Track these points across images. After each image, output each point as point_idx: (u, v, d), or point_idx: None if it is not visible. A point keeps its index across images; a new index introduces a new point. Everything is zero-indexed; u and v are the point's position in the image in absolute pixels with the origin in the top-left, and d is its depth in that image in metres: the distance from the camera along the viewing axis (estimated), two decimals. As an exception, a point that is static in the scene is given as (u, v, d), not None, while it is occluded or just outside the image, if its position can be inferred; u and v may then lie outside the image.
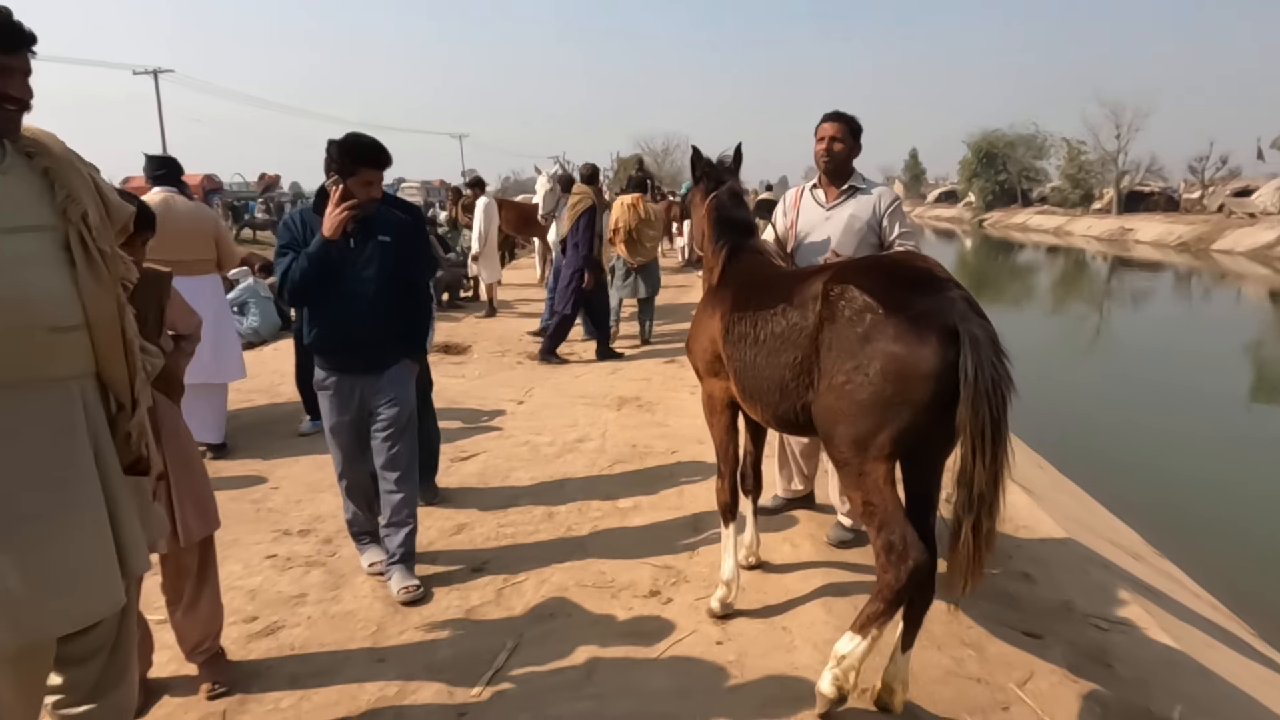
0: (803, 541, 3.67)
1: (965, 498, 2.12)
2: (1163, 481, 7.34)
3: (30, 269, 1.71)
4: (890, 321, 2.19)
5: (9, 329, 1.67)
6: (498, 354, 8.18)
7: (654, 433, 5.46)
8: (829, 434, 2.35)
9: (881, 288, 2.27)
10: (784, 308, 2.53)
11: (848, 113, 3.40)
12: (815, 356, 2.38)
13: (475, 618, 3.10)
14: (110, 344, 1.82)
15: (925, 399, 2.14)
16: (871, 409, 2.21)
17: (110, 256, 1.82)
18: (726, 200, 3.06)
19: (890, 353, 2.17)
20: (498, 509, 4.17)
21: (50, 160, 1.81)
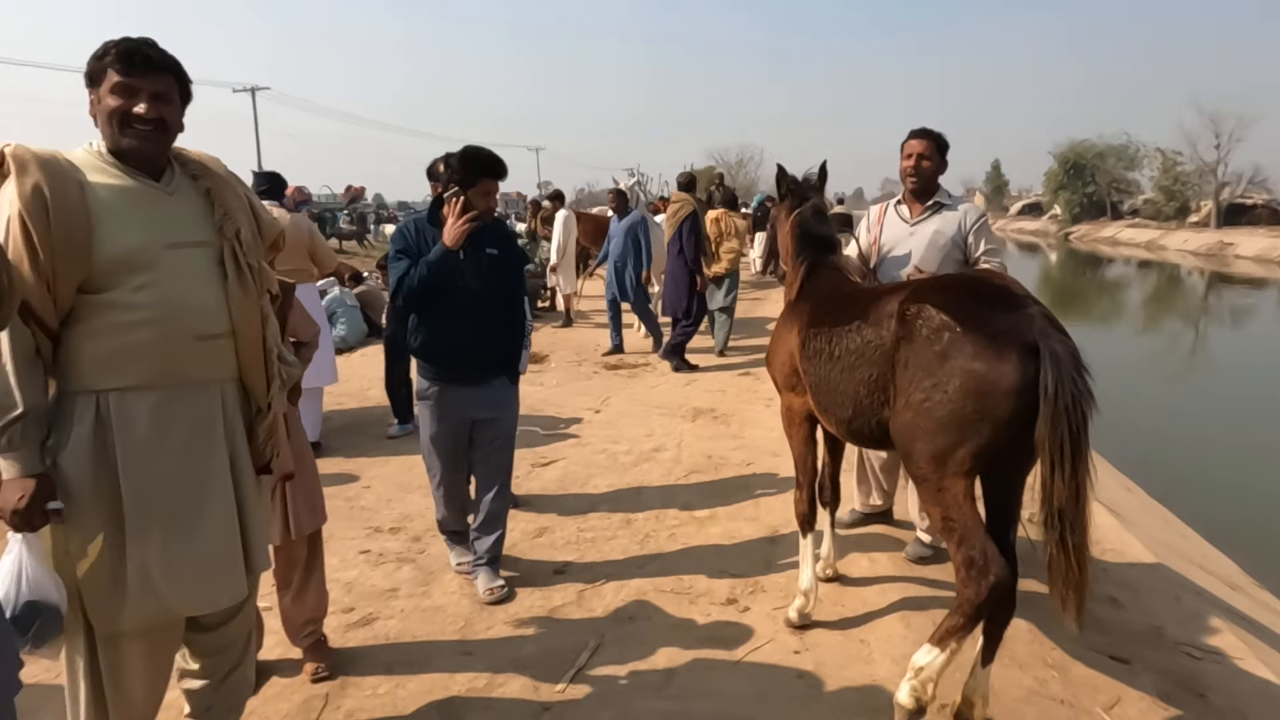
0: (881, 556, 3.67)
1: (1047, 514, 2.13)
2: (1264, 509, 6.99)
3: (187, 281, 1.88)
4: (969, 339, 2.21)
5: (163, 336, 1.84)
6: (574, 363, 8.35)
7: (729, 444, 5.51)
8: (908, 450, 2.38)
9: (958, 306, 2.30)
10: (859, 325, 2.57)
11: (935, 129, 3.41)
12: (891, 374, 2.41)
13: (557, 617, 3.21)
14: (252, 351, 1.98)
15: (1006, 415, 2.15)
16: (951, 426, 2.23)
17: (258, 270, 2.00)
18: (809, 217, 3.11)
19: (970, 370, 2.19)
20: (577, 514, 4.29)
21: (212, 181, 1.99)
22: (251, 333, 1.96)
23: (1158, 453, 8.36)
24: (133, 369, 1.83)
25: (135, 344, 1.82)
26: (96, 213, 1.79)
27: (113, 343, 1.82)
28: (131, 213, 1.84)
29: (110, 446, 1.83)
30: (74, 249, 1.75)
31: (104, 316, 1.82)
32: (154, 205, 1.89)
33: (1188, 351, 16.33)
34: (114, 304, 1.81)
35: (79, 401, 1.83)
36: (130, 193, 1.87)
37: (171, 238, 1.88)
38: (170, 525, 1.88)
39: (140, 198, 1.88)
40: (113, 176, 1.86)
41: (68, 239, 1.74)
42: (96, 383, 1.83)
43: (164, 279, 1.84)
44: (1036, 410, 2.10)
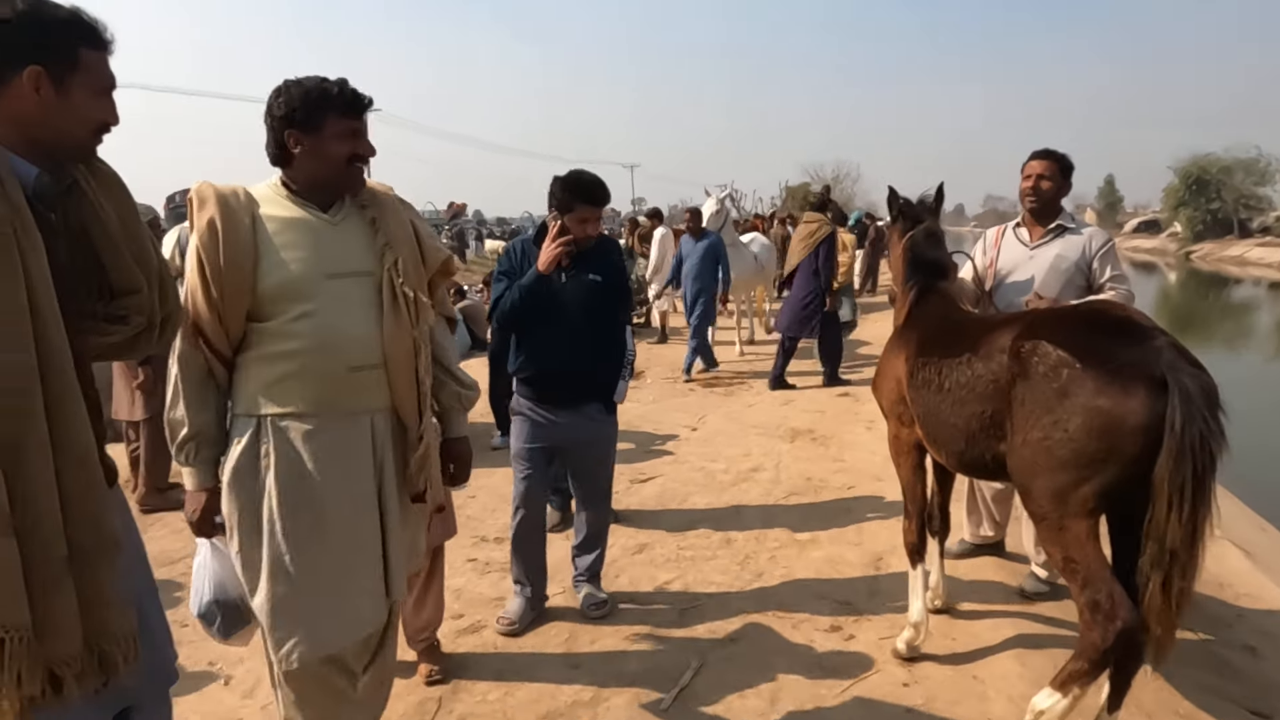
0: (993, 589, 3.54)
1: (1155, 553, 2.05)
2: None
3: (344, 311, 1.93)
4: (1090, 375, 2.14)
5: (318, 365, 1.91)
6: (670, 380, 8.40)
7: (830, 466, 5.42)
8: (1026, 487, 2.31)
9: (1077, 340, 2.22)
10: (970, 357, 2.51)
11: (1058, 150, 3.30)
12: (1007, 410, 2.34)
13: (660, 634, 3.23)
14: (404, 382, 2.00)
15: (1134, 453, 2.07)
16: (1073, 464, 2.16)
17: (414, 300, 2.00)
18: (922, 240, 3.05)
19: (1094, 407, 2.11)
20: (677, 531, 4.31)
21: (378, 210, 2.04)
22: (404, 364, 1.98)
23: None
24: (290, 396, 1.91)
25: (292, 372, 1.90)
26: (263, 244, 1.89)
27: (273, 370, 1.90)
28: (296, 244, 1.92)
29: (264, 471, 1.92)
30: (239, 279, 1.85)
31: (266, 344, 1.91)
32: (318, 236, 1.95)
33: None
34: (275, 333, 1.89)
35: (241, 424, 1.95)
36: (297, 224, 1.94)
37: (332, 268, 1.94)
38: (315, 552, 1.93)
39: (306, 229, 1.95)
40: (284, 209, 1.95)
41: (235, 269, 1.84)
42: (258, 407, 1.92)
43: (322, 309, 1.90)
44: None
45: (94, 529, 1.43)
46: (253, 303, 1.89)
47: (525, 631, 3.26)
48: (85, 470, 1.42)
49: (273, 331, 1.90)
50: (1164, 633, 2.10)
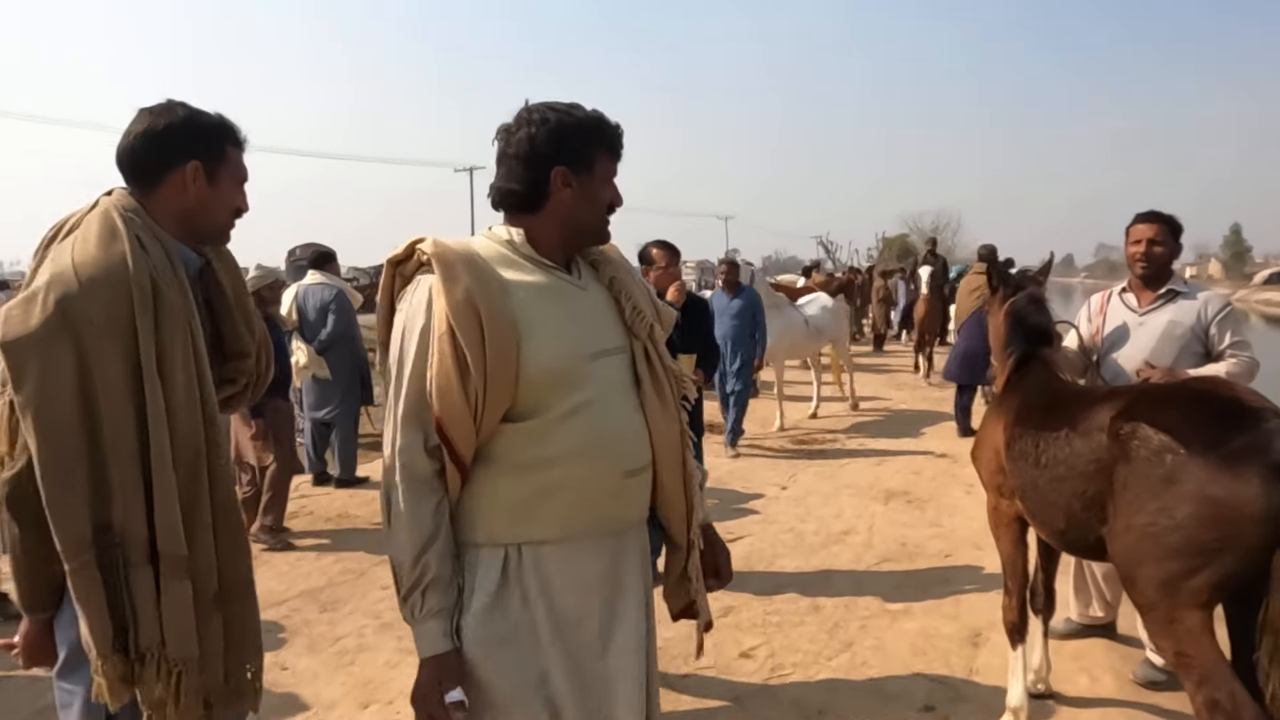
0: (1103, 675, 3.31)
1: (1272, 646, 1.93)
2: None
3: (615, 401, 1.55)
4: (1197, 461, 2.03)
5: (593, 474, 1.51)
6: (759, 435, 8.30)
7: (926, 532, 5.23)
8: (1130, 575, 2.19)
9: (1181, 423, 2.12)
10: (1068, 433, 2.42)
11: (1166, 213, 3.17)
12: (1109, 492, 2.24)
13: (744, 704, 3.16)
14: (673, 481, 1.63)
15: (1253, 543, 1.94)
16: (1183, 553, 2.04)
17: (674, 375, 1.66)
18: (1024, 305, 2.96)
19: (1205, 496, 2.00)
20: (764, 595, 4.22)
21: (615, 270, 1.66)
22: (673, 458, 1.62)
23: None
24: (553, 516, 1.49)
25: (559, 484, 1.48)
26: (522, 319, 1.47)
27: (532, 483, 1.48)
28: (554, 316, 1.51)
29: (520, 621, 1.48)
30: (505, 365, 1.44)
31: (526, 449, 1.48)
32: (572, 305, 1.56)
33: None
34: (536, 434, 1.48)
35: (483, 558, 1.49)
36: (547, 291, 1.53)
37: (594, 345, 1.54)
38: (575, 694, 1.51)
39: (557, 296, 1.54)
40: (528, 272, 1.53)
41: (500, 355, 1.43)
42: (506, 534, 1.49)
43: (596, 399, 1.51)
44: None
45: (235, 568, 1.61)
46: (515, 395, 1.47)
47: None
48: (231, 514, 1.61)
49: (532, 432, 1.48)
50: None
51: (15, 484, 1.45)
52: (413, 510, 1.45)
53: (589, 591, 1.53)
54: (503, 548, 1.49)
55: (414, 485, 1.46)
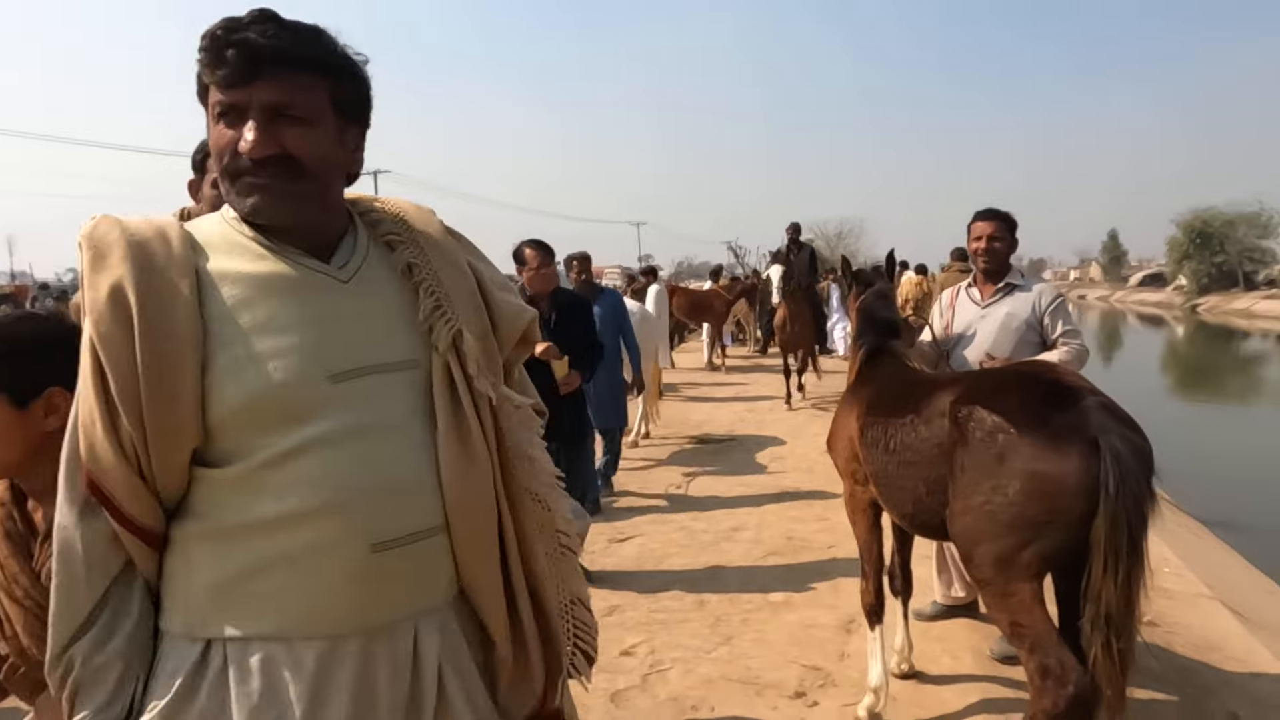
0: (964, 653, 3.45)
1: (1094, 614, 2.04)
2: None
3: (373, 439, 1.09)
4: (1026, 440, 2.14)
5: (327, 545, 1.05)
6: (661, 436, 8.36)
7: (813, 526, 5.35)
8: (969, 553, 2.30)
9: (1011, 405, 2.23)
10: (913, 419, 2.53)
11: (1002, 209, 3.37)
12: (949, 474, 2.34)
13: (620, 702, 3.15)
14: (479, 554, 1.16)
15: (1074, 516, 2.05)
16: (1014, 528, 2.14)
17: (495, 402, 1.19)
18: (872, 300, 3.10)
19: (1032, 471, 2.11)
20: (651, 593, 4.24)
21: (416, 250, 1.20)
22: (479, 524, 1.15)
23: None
24: (265, 604, 1.05)
25: (275, 557, 1.05)
26: (217, 328, 1.06)
27: (238, 554, 1.05)
28: (277, 322, 1.08)
29: None
30: (176, 394, 1.03)
31: (231, 506, 1.06)
32: (317, 305, 1.11)
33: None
34: (247, 485, 1.06)
35: (172, 652, 1.08)
36: (278, 287, 1.10)
37: (343, 360, 1.09)
38: None
39: (291, 293, 1.10)
40: (251, 260, 1.11)
41: (165, 377, 1.02)
42: (207, 625, 1.07)
43: (335, 436, 1.06)
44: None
45: None
46: (200, 436, 1.06)
47: None
48: None
49: (239, 483, 1.06)
50: (1113, 695, 2.07)
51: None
52: (64, 592, 1.05)
53: (329, 706, 1.05)
54: (202, 642, 1.07)
55: (66, 559, 1.05)
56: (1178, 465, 10.56)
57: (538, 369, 4.07)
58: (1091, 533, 2.02)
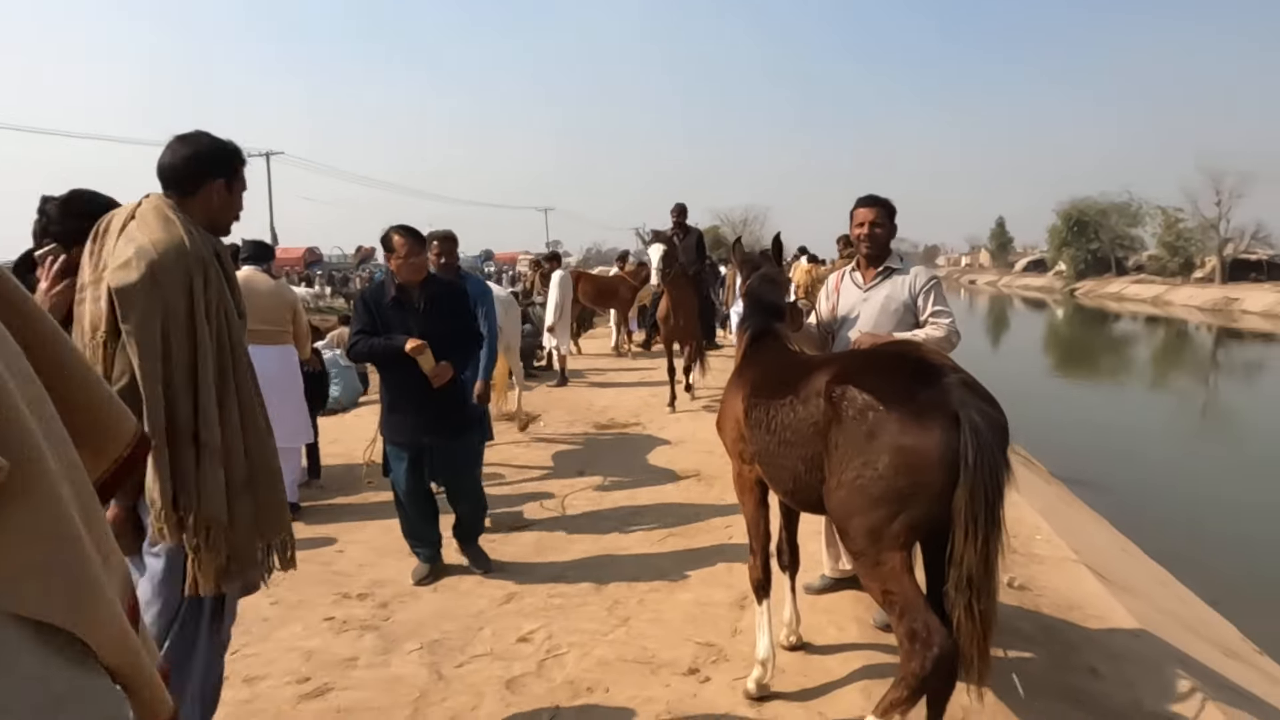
0: (849, 624, 3.60)
1: (957, 579, 2.15)
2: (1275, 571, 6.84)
3: None
4: (893, 416, 2.24)
5: None
6: (566, 423, 8.34)
7: (711, 508, 5.45)
8: (844, 527, 2.39)
9: (880, 383, 2.33)
10: (793, 400, 2.61)
11: (882, 196, 3.48)
12: (825, 452, 2.43)
13: (515, 689, 3.14)
14: None
15: (938, 487, 2.16)
16: (884, 501, 2.24)
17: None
18: (759, 284, 3.16)
19: (898, 446, 2.22)
20: (549, 580, 4.24)
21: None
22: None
23: (1165, 512, 8.24)
24: None
25: None
26: None
27: None
28: None
29: None
30: None
31: None
32: None
33: (1200, 408, 16.19)
34: None
35: None
36: None
37: None
38: None
39: None
40: None
41: None
42: None
43: None
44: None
45: (262, 458, 2.20)
46: None
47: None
48: (258, 419, 2.20)
49: None
50: (976, 655, 2.19)
51: (121, 396, 1.74)
52: None
53: None
54: None
55: None
56: (1052, 435, 11.31)
57: (411, 361, 3.93)
58: (953, 502, 2.13)
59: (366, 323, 4.12)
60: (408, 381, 4.03)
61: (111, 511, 2.01)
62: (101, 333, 2.00)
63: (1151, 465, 10.54)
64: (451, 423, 4.20)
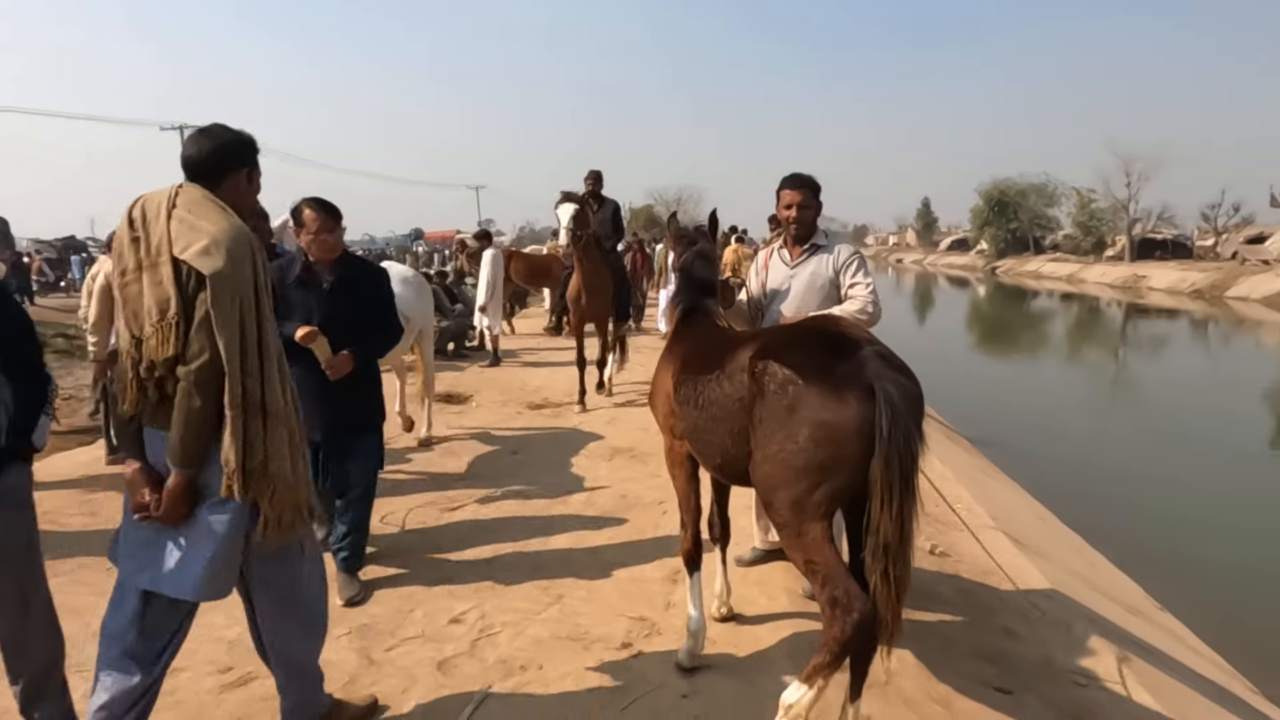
0: (779, 594, 3.67)
1: (874, 546, 2.21)
2: (1177, 534, 7.25)
3: None
4: (813, 390, 2.29)
5: None
6: (499, 403, 8.26)
7: (645, 485, 5.48)
8: (769, 500, 2.44)
9: (799, 358, 2.38)
10: (719, 375, 2.64)
11: (807, 174, 3.53)
12: (750, 426, 2.47)
13: (448, 670, 3.12)
14: None
15: (856, 457, 2.21)
16: (806, 473, 2.29)
17: None
18: (691, 260, 3.17)
19: (817, 420, 2.26)
20: (484, 560, 4.20)
21: None
22: None
23: (1079, 481, 8.63)
24: None
25: None
26: None
27: None
28: None
29: None
30: None
31: None
32: None
33: (1110, 381, 16.98)
34: None
35: None
36: None
37: None
38: None
39: None
40: None
41: None
42: None
43: None
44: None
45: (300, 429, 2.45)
46: None
47: None
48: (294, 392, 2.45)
49: None
50: (892, 618, 2.25)
51: (200, 372, 2.16)
52: None
53: None
54: None
55: None
56: (974, 408, 11.72)
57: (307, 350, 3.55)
58: (870, 473, 2.18)
59: None
60: (302, 371, 3.45)
61: (173, 479, 2.21)
62: (171, 314, 2.16)
63: (1066, 436, 11.02)
64: (351, 421, 3.76)
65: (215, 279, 2.14)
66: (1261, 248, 34.80)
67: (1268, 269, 31.65)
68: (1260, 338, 22.81)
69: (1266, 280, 29.79)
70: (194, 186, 2.26)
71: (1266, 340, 22.23)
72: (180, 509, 2.21)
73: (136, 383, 2.23)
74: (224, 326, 2.15)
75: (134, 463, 2.27)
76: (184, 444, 2.17)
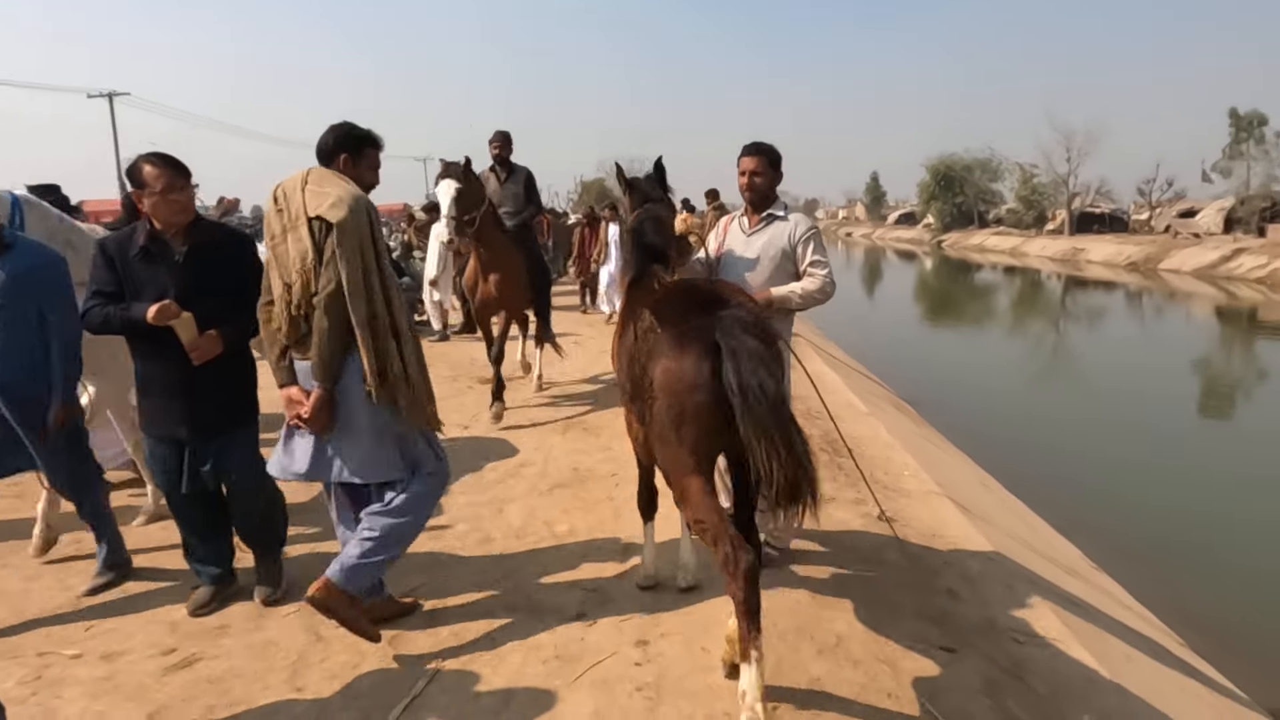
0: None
1: (777, 492, 2.19)
2: (1111, 497, 7.53)
3: None
4: (664, 338, 2.39)
5: None
6: (449, 378, 8.16)
7: (598, 457, 5.48)
8: (660, 460, 2.57)
9: (668, 310, 2.49)
10: (645, 334, 2.67)
11: (767, 144, 3.52)
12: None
13: (400, 644, 3.08)
14: None
15: (703, 409, 2.27)
16: (671, 426, 2.37)
17: None
18: (640, 224, 3.14)
19: (662, 366, 2.37)
20: (435, 534, 4.15)
21: None
22: None
23: (1021, 447, 8.89)
24: None
25: None
26: None
27: None
28: None
29: None
30: None
31: None
32: None
33: (1051, 351, 17.49)
34: None
35: None
36: None
37: None
38: None
39: None
40: None
41: None
42: None
43: None
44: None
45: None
46: None
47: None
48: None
49: None
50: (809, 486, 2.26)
51: (329, 299, 2.80)
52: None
53: None
54: None
55: None
56: (921, 377, 11.97)
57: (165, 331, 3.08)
58: (741, 430, 2.20)
59: (106, 282, 3.15)
60: (162, 357, 3.17)
61: (315, 392, 2.86)
62: (310, 259, 2.82)
63: (1008, 405, 11.34)
64: (221, 412, 3.28)
65: (340, 225, 2.77)
66: (1192, 221, 36.04)
67: (1198, 242, 32.81)
68: (1189, 309, 23.70)
69: (1197, 253, 30.90)
70: (317, 168, 2.98)
71: (1195, 312, 23.12)
72: (324, 417, 2.87)
73: (289, 318, 2.89)
74: (347, 261, 2.77)
75: (290, 387, 2.94)
76: (321, 361, 2.81)
